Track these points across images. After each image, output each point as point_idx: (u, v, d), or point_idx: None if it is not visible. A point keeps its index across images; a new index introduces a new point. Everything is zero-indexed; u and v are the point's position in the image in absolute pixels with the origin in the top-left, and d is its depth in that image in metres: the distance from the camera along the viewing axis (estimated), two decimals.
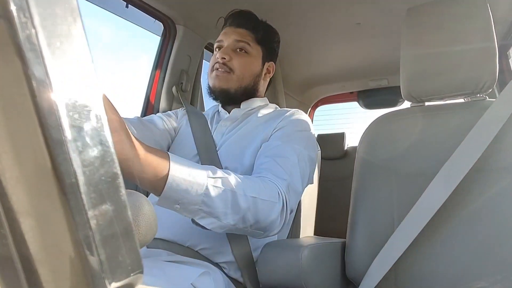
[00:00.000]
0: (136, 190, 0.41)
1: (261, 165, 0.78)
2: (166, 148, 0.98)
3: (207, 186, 0.60)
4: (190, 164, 0.61)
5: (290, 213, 0.75)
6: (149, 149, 0.55)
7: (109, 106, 0.47)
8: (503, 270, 0.74)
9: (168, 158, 0.57)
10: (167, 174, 0.56)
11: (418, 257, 0.80)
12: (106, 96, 0.46)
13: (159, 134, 0.96)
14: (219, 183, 0.62)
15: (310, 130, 0.90)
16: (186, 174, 0.58)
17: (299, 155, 0.81)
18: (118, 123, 0.48)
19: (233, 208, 0.63)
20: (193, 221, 0.64)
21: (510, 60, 1.62)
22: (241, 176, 0.68)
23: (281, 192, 0.72)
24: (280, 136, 0.84)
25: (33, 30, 0.17)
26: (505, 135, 0.78)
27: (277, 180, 0.73)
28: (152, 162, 0.54)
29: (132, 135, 0.52)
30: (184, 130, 0.99)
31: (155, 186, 0.56)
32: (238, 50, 0.96)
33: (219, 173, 0.64)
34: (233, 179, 0.65)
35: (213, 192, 0.61)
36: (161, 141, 0.96)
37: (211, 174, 0.62)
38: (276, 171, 0.75)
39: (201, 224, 0.63)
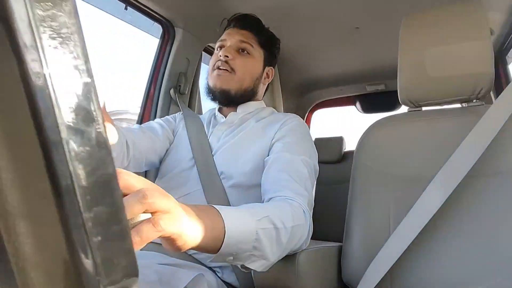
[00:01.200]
0: None
1: (278, 182, 0.76)
2: (164, 154, 0.98)
3: (257, 231, 0.58)
4: (237, 211, 0.58)
5: None
6: (200, 213, 0.50)
7: (163, 195, 0.41)
8: (498, 275, 0.74)
9: (219, 216, 0.53)
10: (223, 234, 0.53)
11: (414, 262, 0.80)
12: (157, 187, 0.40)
13: (158, 143, 0.96)
14: (263, 223, 0.60)
15: (310, 137, 0.91)
16: (239, 226, 0.55)
17: (308, 166, 0.81)
18: (177, 210, 0.42)
19: (278, 244, 0.62)
20: (242, 266, 0.62)
21: (506, 67, 1.63)
22: (273, 205, 0.67)
23: (305, 210, 0.72)
24: (287, 147, 0.83)
25: (31, 30, 0.17)
26: (501, 141, 0.79)
27: (299, 198, 0.73)
28: (207, 228, 0.50)
29: (184, 207, 0.46)
30: (181, 134, 0.99)
31: (211, 249, 0.53)
32: (240, 50, 0.96)
33: (260, 211, 0.62)
34: (272, 214, 0.63)
35: (262, 235, 0.59)
36: (160, 150, 0.97)
37: (255, 216, 0.60)
38: (295, 188, 0.75)
39: (251, 268, 0.61)
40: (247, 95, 0.98)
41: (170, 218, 0.40)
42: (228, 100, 0.96)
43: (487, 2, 0.86)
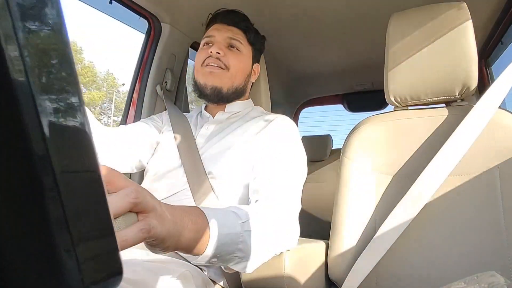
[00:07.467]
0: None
1: (265, 184, 0.76)
2: (152, 154, 0.97)
3: (242, 234, 0.58)
4: (222, 213, 0.58)
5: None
6: (185, 216, 0.49)
7: (150, 197, 0.41)
8: (480, 271, 0.75)
9: (204, 218, 0.53)
10: (208, 237, 0.52)
11: (399, 258, 0.82)
12: (149, 193, 0.41)
13: (145, 142, 0.96)
14: (248, 226, 0.60)
15: (299, 139, 0.90)
16: (223, 228, 0.55)
17: (296, 169, 0.81)
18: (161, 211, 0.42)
19: (263, 247, 0.63)
20: (226, 267, 0.62)
21: (489, 68, 1.67)
22: (259, 208, 0.67)
23: (291, 213, 0.73)
24: (276, 149, 0.82)
25: (11, 22, 0.17)
26: (484, 140, 0.80)
27: (285, 201, 0.74)
28: (192, 231, 0.50)
29: (169, 209, 0.46)
30: (167, 133, 0.97)
31: (195, 251, 0.52)
32: (230, 47, 0.95)
33: (245, 213, 0.61)
34: (255, 216, 0.63)
35: (246, 237, 0.59)
36: (147, 150, 0.96)
37: (240, 219, 0.60)
38: (282, 191, 0.75)
39: (235, 269, 0.61)
40: (238, 93, 0.97)
41: (157, 222, 0.40)
42: (218, 97, 0.94)
43: (471, 3, 0.87)
